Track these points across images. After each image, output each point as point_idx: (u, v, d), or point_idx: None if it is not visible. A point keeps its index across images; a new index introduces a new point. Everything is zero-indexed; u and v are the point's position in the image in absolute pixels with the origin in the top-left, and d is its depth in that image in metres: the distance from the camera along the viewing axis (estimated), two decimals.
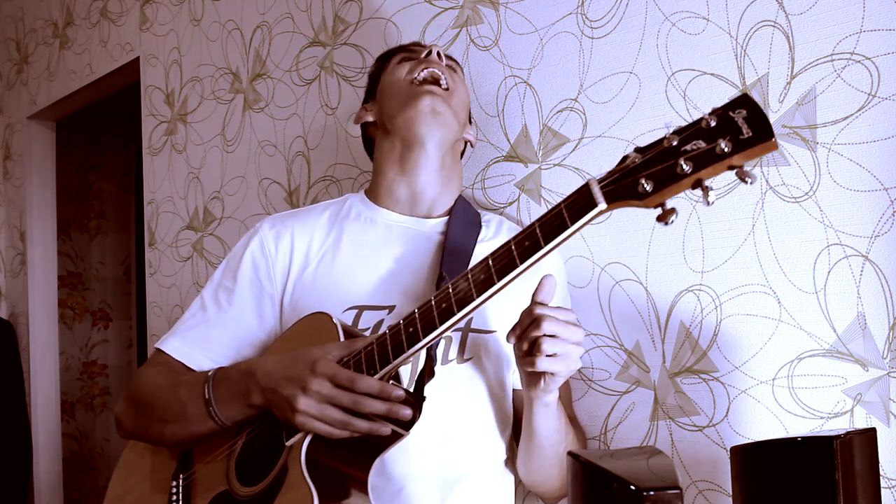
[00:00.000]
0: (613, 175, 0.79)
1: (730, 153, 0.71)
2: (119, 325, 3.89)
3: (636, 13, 1.23)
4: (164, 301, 2.25)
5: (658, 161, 0.75)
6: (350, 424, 0.93)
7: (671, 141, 0.75)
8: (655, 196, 0.76)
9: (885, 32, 1.00)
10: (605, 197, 0.79)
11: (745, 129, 0.71)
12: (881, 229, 1.00)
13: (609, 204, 0.79)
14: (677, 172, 0.74)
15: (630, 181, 0.77)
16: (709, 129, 0.73)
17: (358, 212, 1.22)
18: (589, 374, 1.27)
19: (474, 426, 1.13)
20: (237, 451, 1.08)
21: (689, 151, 0.73)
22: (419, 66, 1.19)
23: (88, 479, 3.73)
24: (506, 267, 0.86)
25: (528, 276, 1.16)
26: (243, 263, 1.18)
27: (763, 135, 0.70)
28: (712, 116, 0.73)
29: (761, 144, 0.70)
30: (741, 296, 1.11)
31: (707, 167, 0.72)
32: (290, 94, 1.81)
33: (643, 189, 0.76)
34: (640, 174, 0.76)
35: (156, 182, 2.30)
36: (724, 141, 0.71)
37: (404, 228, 1.18)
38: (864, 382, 1.01)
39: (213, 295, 1.18)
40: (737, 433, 1.11)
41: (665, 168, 0.75)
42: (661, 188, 0.75)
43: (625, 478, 0.71)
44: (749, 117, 0.71)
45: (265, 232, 1.19)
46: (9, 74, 3.26)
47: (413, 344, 0.92)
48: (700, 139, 0.73)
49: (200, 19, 2.11)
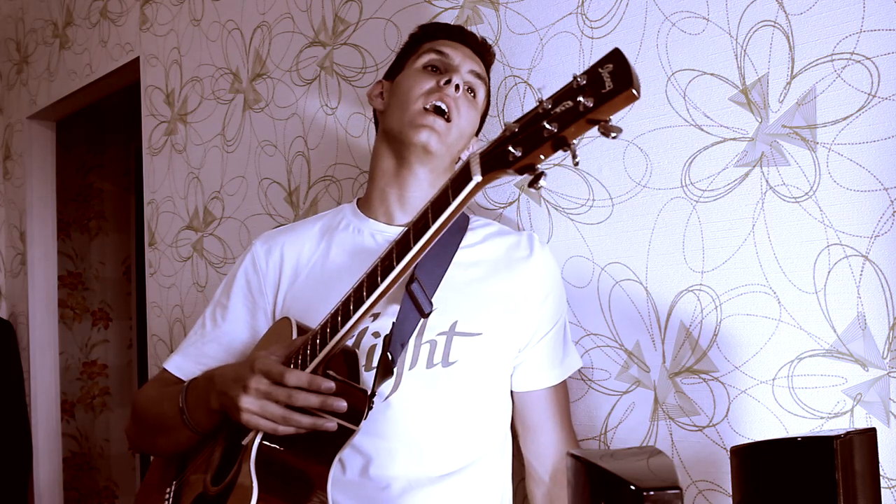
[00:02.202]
0: (490, 146, 0.79)
1: (592, 107, 0.70)
2: (119, 325, 3.89)
3: (636, 13, 1.23)
4: (164, 301, 2.25)
5: (528, 127, 0.75)
6: (290, 419, 0.96)
7: (545, 105, 0.74)
8: (525, 160, 0.75)
9: (885, 32, 1.00)
10: (482, 168, 0.80)
11: (607, 83, 0.69)
12: (881, 229, 1.00)
13: (484, 175, 0.79)
14: (543, 135, 0.73)
15: (501, 150, 0.77)
16: (578, 88, 0.71)
17: (348, 222, 1.24)
18: (589, 374, 1.27)
19: (458, 429, 1.13)
20: (218, 454, 1.12)
21: (557, 113, 0.73)
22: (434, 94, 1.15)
23: (88, 479, 3.73)
24: (403, 249, 0.89)
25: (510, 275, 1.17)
26: (237, 281, 1.24)
27: (623, 85, 0.68)
28: (583, 76, 0.71)
29: (621, 94, 0.68)
30: (741, 296, 1.11)
31: (571, 125, 0.71)
32: (290, 94, 1.81)
33: (512, 156, 0.76)
34: (510, 141, 0.76)
35: (156, 182, 2.30)
36: (584, 97, 0.70)
37: (388, 238, 1.19)
38: (864, 382, 1.01)
39: (212, 312, 1.25)
40: (737, 433, 1.11)
41: (532, 132, 0.74)
42: (528, 152, 0.75)
43: (625, 478, 0.71)
44: (614, 71, 0.69)
45: (257, 249, 1.25)
46: (9, 74, 3.26)
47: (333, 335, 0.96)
48: (569, 99, 0.72)
49: (200, 19, 2.11)
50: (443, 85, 1.15)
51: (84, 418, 3.75)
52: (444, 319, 1.12)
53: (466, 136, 1.21)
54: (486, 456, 1.17)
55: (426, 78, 1.18)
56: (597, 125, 0.71)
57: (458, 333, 1.12)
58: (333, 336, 0.96)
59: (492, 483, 1.18)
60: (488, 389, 1.16)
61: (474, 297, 1.14)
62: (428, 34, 1.26)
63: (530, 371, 1.20)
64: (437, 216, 0.85)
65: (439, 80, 1.16)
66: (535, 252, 1.21)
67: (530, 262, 1.20)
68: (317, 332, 0.99)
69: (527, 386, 1.20)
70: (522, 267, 1.19)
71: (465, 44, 1.25)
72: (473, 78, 1.22)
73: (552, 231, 1.31)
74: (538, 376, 1.20)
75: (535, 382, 1.20)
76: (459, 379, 1.12)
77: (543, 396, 1.21)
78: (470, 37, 1.27)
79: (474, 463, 1.14)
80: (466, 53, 1.23)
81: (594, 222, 1.27)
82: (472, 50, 1.26)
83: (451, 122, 1.15)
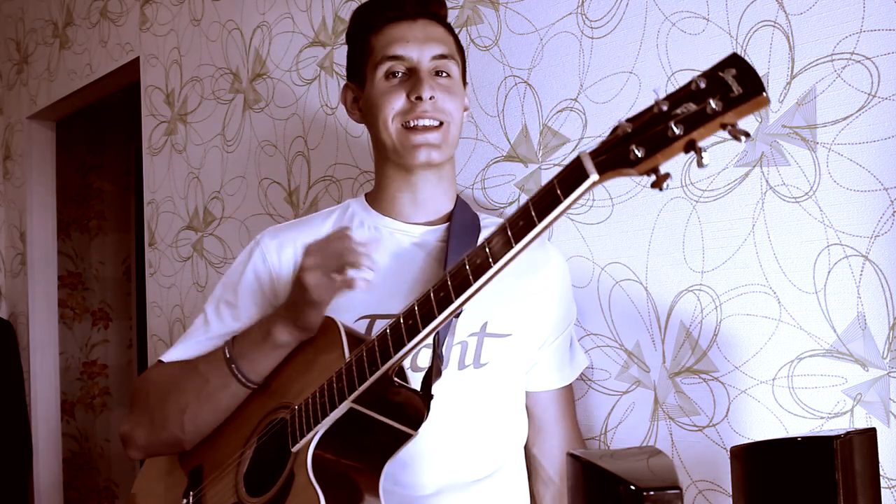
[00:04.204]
0: (605, 146, 0.77)
1: (721, 111, 0.69)
2: (119, 325, 3.89)
3: (636, 13, 1.23)
4: (164, 301, 2.25)
5: (648, 127, 0.73)
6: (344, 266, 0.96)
7: (661, 106, 0.73)
8: (648, 161, 0.74)
9: (885, 32, 1.00)
10: (598, 167, 0.76)
11: (735, 87, 0.69)
12: (881, 229, 1.00)
13: (602, 174, 0.76)
14: (668, 136, 0.72)
15: (621, 149, 0.75)
16: (698, 90, 0.71)
17: (361, 219, 1.19)
18: (589, 374, 1.27)
19: (490, 432, 1.12)
20: (246, 462, 1.07)
21: (680, 114, 0.71)
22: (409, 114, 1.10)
23: (88, 479, 3.73)
24: (502, 248, 0.83)
25: (534, 275, 1.16)
26: (245, 277, 1.16)
27: (754, 90, 0.68)
28: (701, 78, 0.71)
29: (753, 100, 0.68)
30: (741, 296, 1.11)
31: (699, 127, 0.70)
32: (290, 94, 1.81)
33: (634, 156, 0.73)
34: (631, 141, 0.74)
35: (156, 182, 2.30)
36: (713, 100, 0.69)
37: (409, 237, 1.17)
38: (864, 382, 1.01)
39: (216, 310, 1.17)
40: (737, 433, 1.11)
41: (656, 133, 0.73)
42: (653, 153, 0.73)
43: (625, 478, 0.71)
44: (739, 75, 0.69)
45: (266, 244, 1.17)
46: (9, 74, 3.26)
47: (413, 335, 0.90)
48: (690, 101, 0.71)
49: (200, 19, 2.11)
50: (414, 101, 1.09)
51: (84, 418, 3.75)
52: (475, 320, 1.10)
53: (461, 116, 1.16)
54: (513, 459, 1.16)
55: (393, 92, 1.11)
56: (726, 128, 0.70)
57: (489, 335, 1.11)
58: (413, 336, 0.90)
59: (518, 486, 1.18)
60: (516, 391, 1.16)
61: (503, 296, 1.11)
62: (369, 25, 1.16)
63: (543, 371, 1.20)
64: (543, 215, 0.79)
65: (409, 95, 1.10)
66: (551, 253, 1.22)
67: (549, 262, 1.20)
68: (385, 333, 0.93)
69: (539, 386, 1.20)
70: (543, 267, 1.19)
71: (413, 16, 1.14)
72: (438, 61, 1.13)
73: (552, 231, 1.31)
74: (550, 377, 1.20)
75: (547, 383, 1.20)
76: (491, 381, 1.11)
77: (554, 397, 1.21)
78: (411, 4, 1.15)
79: (503, 467, 1.14)
80: (420, 36, 1.13)
81: (594, 222, 1.27)
82: (424, 17, 1.15)
83: (443, 124, 1.11)
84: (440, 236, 1.17)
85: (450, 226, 1.16)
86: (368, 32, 1.16)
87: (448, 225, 1.17)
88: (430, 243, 1.17)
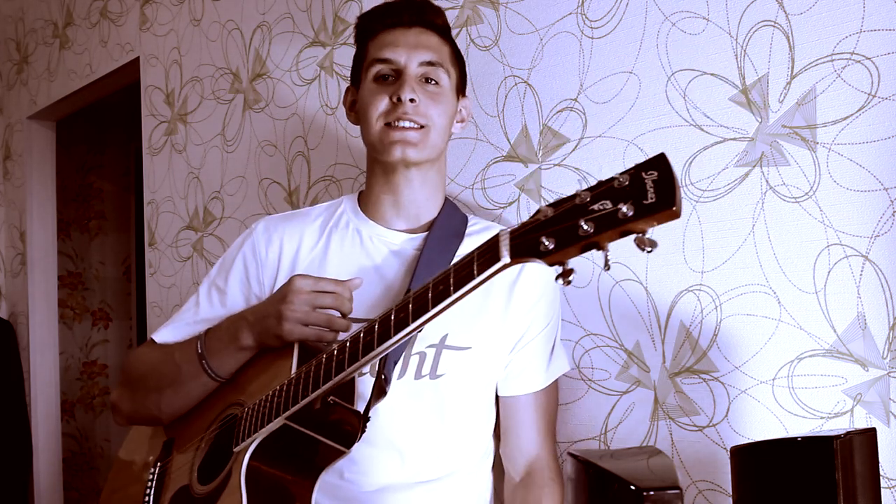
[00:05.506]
0: (523, 229, 0.77)
1: (631, 218, 0.67)
2: (119, 325, 3.89)
3: (636, 13, 1.23)
4: (164, 301, 2.25)
5: (564, 219, 0.73)
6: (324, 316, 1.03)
7: (584, 198, 0.72)
8: (557, 255, 0.73)
9: (885, 32, 1.00)
10: (511, 251, 0.77)
11: (650, 194, 0.67)
12: (881, 229, 1.00)
13: (512, 259, 0.77)
14: (578, 234, 0.71)
15: (533, 238, 0.74)
16: (620, 188, 0.69)
17: (347, 220, 1.23)
18: (589, 374, 1.27)
19: (441, 438, 1.14)
20: (205, 448, 1.12)
21: (595, 212, 0.70)
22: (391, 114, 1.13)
23: (88, 479, 3.73)
24: (420, 309, 0.85)
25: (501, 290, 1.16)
26: (235, 265, 1.23)
27: (666, 202, 0.65)
28: (625, 175, 0.69)
29: (663, 212, 0.66)
30: (741, 296, 1.11)
31: (607, 231, 0.69)
32: (290, 94, 1.81)
33: (544, 247, 0.73)
34: (544, 231, 0.74)
35: (156, 182, 2.30)
36: (625, 205, 0.68)
37: (386, 243, 1.19)
38: (864, 382, 1.01)
39: (207, 292, 1.24)
40: (737, 433, 1.11)
41: (568, 227, 0.72)
42: (561, 248, 0.73)
43: (625, 478, 0.71)
44: (658, 180, 0.67)
45: (258, 234, 1.23)
46: (9, 74, 3.26)
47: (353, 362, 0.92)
48: (608, 199, 0.70)
49: (200, 19, 2.11)
50: (395, 102, 1.12)
51: (84, 418, 3.75)
52: (435, 332, 1.11)
53: (446, 124, 1.17)
54: (468, 464, 1.17)
55: (380, 94, 1.14)
56: (633, 235, 0.69)
57: (448, 347, 1.12)
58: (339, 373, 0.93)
59: (472, 490, 1.19)
60: (474, 401, 1.17)
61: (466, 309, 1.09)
62: (368, 30, 1.21)
63: (514, 376, 1.18)
64: (458, 286, 0.81)
65: (391, 96, 1.13)
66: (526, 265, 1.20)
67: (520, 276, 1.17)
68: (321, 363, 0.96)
69: (510, 391, 1.18)
70: (513, 282, 1.16)
71: (408, 24, 1.17)
72: (426, 68, 1.15)
73: None
74: (522, 381, 1.18)
75: (519, 387, 1.18)
76: (446, 392, 1.12)
77: (525, 401, 1.18)
78: (409, 13, 1.18)
79: (456, 471, 1.15)
80: (411, 42, 1.15)
81: None
82: (420, 25, 1.18)
83: (424, 127, 1.13)
84: (418, 245, 1.18)
85: (429, 234, 1.18)
86: (366, 38, 1.21)
87: (427, 234, 1.18)
88: (406, 252, 1.18)
